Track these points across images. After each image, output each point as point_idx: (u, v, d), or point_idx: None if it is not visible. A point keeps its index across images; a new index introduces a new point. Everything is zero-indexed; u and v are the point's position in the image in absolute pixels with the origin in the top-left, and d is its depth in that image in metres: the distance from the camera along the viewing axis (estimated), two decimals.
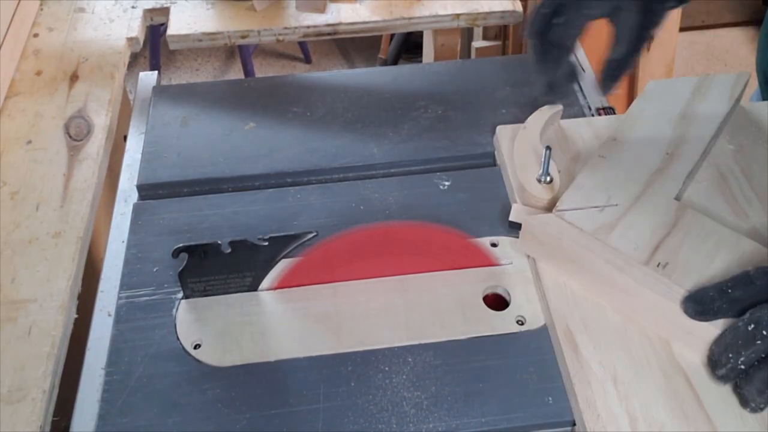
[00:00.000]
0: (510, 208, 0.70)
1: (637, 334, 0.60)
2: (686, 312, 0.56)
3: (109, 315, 0.66)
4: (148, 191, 0.77)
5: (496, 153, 0.78)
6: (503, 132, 0.77)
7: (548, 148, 0.69)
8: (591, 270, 0.61)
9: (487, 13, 1.10)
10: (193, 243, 0.61)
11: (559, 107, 0.78)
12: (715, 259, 0.61)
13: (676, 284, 0.58)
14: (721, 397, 0.56)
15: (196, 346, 0.62)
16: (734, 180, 0.72)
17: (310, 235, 0.63)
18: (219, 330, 0.63)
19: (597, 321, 0.61)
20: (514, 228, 0.68)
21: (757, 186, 0.71)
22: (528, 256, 0.67)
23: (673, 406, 0.55)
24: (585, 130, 0.78)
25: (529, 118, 0.76)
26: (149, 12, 1.08)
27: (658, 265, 0.60)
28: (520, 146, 0.73)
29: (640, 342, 0.59)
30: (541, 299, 0.64)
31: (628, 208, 0.66)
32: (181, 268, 0.63)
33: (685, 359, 0.58)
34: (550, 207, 0.67)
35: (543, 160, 0.69)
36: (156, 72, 0.98)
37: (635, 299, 0.59)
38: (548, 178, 0.69)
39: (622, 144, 0.72)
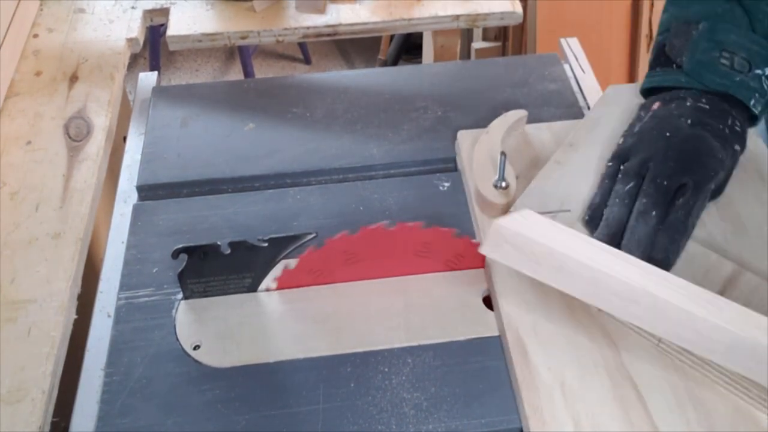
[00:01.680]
0: (469, 213, 0.70)
1: (588, 340, 0.60)
2: (598, 237, 0.61)
3: (109, 316, 0.66)
4: (147, 192, 0.77)
5: (456, 158, 0.78)
6: (464, 137, 0.77)
7: (503, 153, 0.69)
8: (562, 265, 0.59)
9: (486, 14, 1.10)
10: (192, 244, 0.61)
11: (524, 112, 0.77)
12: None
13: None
14: (667, 404, 0.55)
15: (196, 347, 0.62)
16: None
17: (310, 236, 0.63)
18: (218, 331, 0.63)
19: (549, 327, 0.61)
20: None
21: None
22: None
23: (618, 412, 0.55)
24: (546, 135, 0.78)
25: (492, 123, 0.75)
26: (149, 13, 1.08)
27: None
28: (479, 151, 0.73)
29: (590, 348, 0.59)
30: (495, 305, 0.64)
31: (581, 214, 0.66)
32: (180, 269, 0.63)
33: (634, 365, 0.58)
34: (505, 212, 0.67)
35: (498, 165, 0.69)
36: (156, 73, 0.98)
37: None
38: (504, 184, 0.69)
39: (578, 149, 0.72)
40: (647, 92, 0.74)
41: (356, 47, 2.69)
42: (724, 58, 0.67)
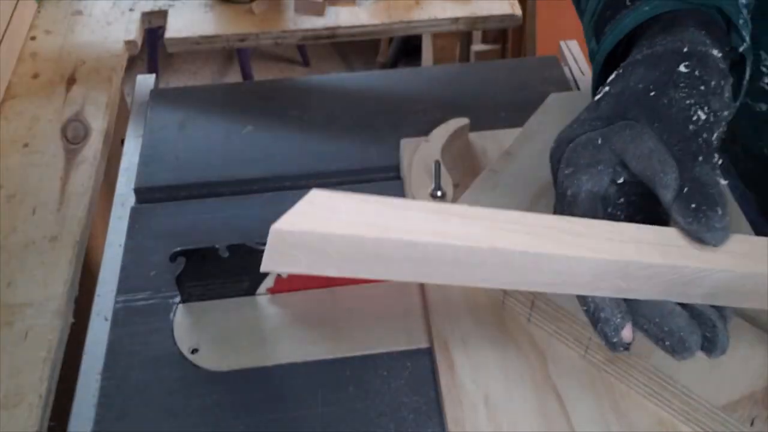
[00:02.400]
0: None
1: (516, 351, 0.59)
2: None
3: (106, 319, 0.65)
4: (145, 195, 0.77)
5: (400, 166, 0.77)
6: (406, 145, 0.76)
7: (437, 162, 0.68)
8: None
9: (486, 16, 1.10)
10: (190, 247, 0.61)
11: (466, 120, 0.76)
12: None
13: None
14: (590, 415, 0.55)
15: (194, 351, 0.62)
16: None
17: None
18: (217, 334, 0.63)
19: (477, 338, 0.60)
20: None
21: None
22: None
23: (541, 425, 0.55)
24: (489, 143, 0.77)
25: (434, 131, 0.74)
26: (147, 15, 1.08)
27: None
28: (419, 160, 0.72)
29: (517, 359, 0.59)
30: (424, 315, 0.63)
31: None
32: (178, 272, 0.62)
33: (559, 377, 0.57)
34: None
35: (433, 174, 0.68)
36: (154, 75, 0.98)
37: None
38: (439, 193, 0.68)
39: (515, 158, 0.71)
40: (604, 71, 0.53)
41: (355, 50, 2.69)
42: None
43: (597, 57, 0.51)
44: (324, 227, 0.40)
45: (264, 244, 0.63)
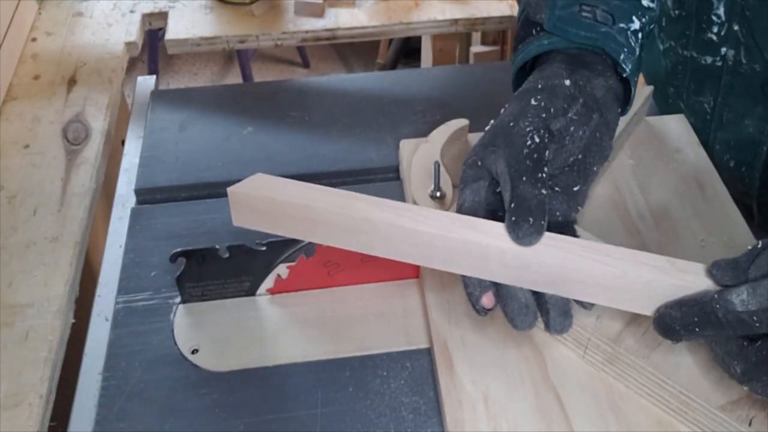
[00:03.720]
0: None
1: (515, 352, 0.59)
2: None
3: (107, 320, 0.66)
4: (145, 196, 0.77)
5: (399, 167, 0.78)
6: (406, 146, 0.76)
7: (437, 162, 0.68)
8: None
9: (485, 18, 1.10)
10: (190, 247, 0.61)
11: (465, 122, 0.76)
12: None
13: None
14: (589, 415, 0.55)
15: (194, 351, 0.62)
16: (630, 195, 0.71)
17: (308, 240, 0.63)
18: (217, 335, 0.63)
19: (477, 339, 0.60)
20: None
21: (652, 201, 0.70)
22: None
23: (540, 425, 0.55)
24: None
25: (433, 132, 0.74)
26: (148, 16, 1.09)
27: None
28: (419, 160, 0.72)
29: (516, 360, 0.59)
30: (424, 316, 0.63)
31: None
32: (178, 273, 0.62)
33: (559, 377, 0.58)
34: None
35: (433, 174, 0.69)
36: (154, 76, 0.99)
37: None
38: (439, 194, 0.68)
39: None
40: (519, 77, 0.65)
41: (355, 51, 2.69)
42: (585, 11, 0.61)
43: (512, 69, 0.65)
44: (263, 193, 0.55)
45: (264, 245, 0.63)
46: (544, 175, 0.53)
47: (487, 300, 0.54)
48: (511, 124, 0.56)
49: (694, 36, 0.77)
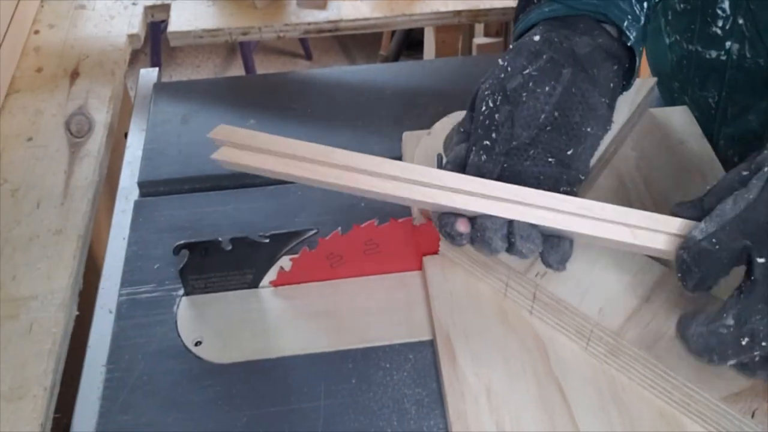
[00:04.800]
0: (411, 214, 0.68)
1: (518, 344, 0.59)
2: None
3: (110, 312, 0.66)
4: (149, 188, 0.77)
5: (402, 159, 0.77)
6: (408, 138, 0.76)
7: (439, 155, 0.68)
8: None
9: (488, 9, 1.10)
10: (194, 240, 0.61)
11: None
12: (596, 265, 0.60)
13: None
14: (591, 407, 0.55)
15: (197, 344, 0.62)
16: (633, 187, 0.70)
17: (311, 232, 0.63)
18: (220, 327, 0.63)
19: (480, 331, 0.60)
20: None
21: (656, 193, 0.70)
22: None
23: (543, 417, 0.55)
24: None
25: (436, 124, 0.74)
26: (150, 9, 1.08)
27: (536, 275, 0.59)
28: (421, 153, 0.72)
29: (519, 352, 0.59)
30: (426, 308, 0.63)
31: None
32: (182, 265, 0.63)
33: (561, 369, 0.58)
34: None
35: (435, 167, 0.68)
36: (157, 69, 0.98)
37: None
38: None
39: None
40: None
41: (357, 43, 2.69)
42: None
43: (512, 37, 0.64)
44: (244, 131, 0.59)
45: (267, 237, 0.63)
46: (495, 136, 0.55)
47: (462, 225, 0.54)
48: (479, 89, 0.58)
49: (699, 30, 0.76)
